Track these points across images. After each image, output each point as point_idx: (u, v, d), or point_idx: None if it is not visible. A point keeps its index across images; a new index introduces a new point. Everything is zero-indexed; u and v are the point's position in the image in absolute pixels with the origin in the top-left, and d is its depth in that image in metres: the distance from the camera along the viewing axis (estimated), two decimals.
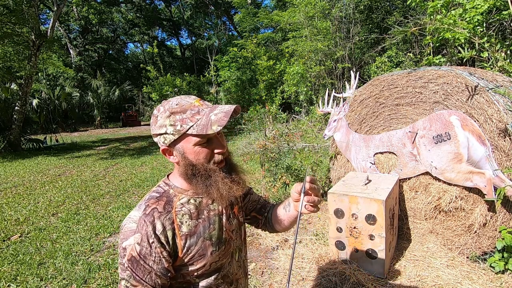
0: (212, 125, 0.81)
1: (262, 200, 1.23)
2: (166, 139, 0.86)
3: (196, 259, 0.89)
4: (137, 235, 0.82)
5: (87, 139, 15.46)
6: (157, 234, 0.83)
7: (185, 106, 0.84)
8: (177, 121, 0.83)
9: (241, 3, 18.51)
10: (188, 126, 0.83)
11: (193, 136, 0.84)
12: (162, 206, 0.87)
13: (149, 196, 0.90)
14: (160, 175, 6.58)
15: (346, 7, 12.66)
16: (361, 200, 2.33)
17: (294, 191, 0.96)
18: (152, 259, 0.82)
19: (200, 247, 0.89)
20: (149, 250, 0.82)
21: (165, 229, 0.84)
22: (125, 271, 0.82)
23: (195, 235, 0.89)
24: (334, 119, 3.42)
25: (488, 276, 2.25)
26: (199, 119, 0.83)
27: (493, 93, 2.27)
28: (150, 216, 0.84)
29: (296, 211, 1.01)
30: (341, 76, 12.22)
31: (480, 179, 2.30)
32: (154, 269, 0.82)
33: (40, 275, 2.80)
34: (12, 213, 4.50)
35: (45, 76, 20.84)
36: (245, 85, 15.97)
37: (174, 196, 0.91)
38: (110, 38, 29.37)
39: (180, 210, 0.89)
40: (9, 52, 10.10)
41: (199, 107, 0.85)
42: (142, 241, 0.82)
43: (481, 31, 3.35)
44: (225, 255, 0.97)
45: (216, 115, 0.82)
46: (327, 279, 2.35)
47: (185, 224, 0.88)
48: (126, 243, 0.82)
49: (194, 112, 0.84)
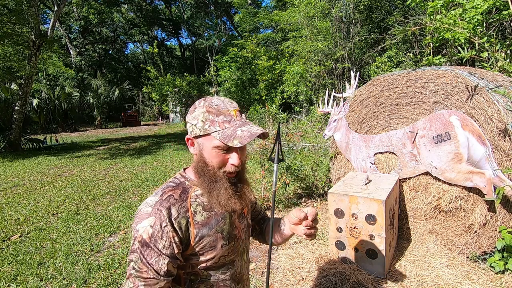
0: (234, 139, 0.84)
1: (263, 212, 1.30)
2: (194, 131, 0.90)
3: (207, 249, 0.92)
4: (151, 218, 0.85)
5: (87, 139, 15.46)
6: (171, 219, 0.86)
7: (221, 110, 0.88)
8: (207, 120, 0.87)
9: (241, 3, 18.52)
10: (215, 129, 0.87)
11: (215, 140, 0.87)
12: (178, 194, 0.91)
13: (166, 185, 0.94)
14: (160, 175, 6.58)
15: (346, 7, 12.67)
16: (361, 200, 2.33)
17: (294, 216, 1.00)
18: (162, 243, 0.84)
19: (212, 239, 0.92)
20: (160, 233, 0.84)
21: (179, 215, 0.87)
22: (134, 253, 0.84)
23: (207, 226, 0.92)
24: (334, 119, 3.42)
25: (488, 276, 2.25)
26: (227, 128, 0.86)
27: (493, 93, 2.27)
28: (166, 202, 0.88)
29: (291, 232, 1.08)
30: (341, 76, 12.22)
31: (480, 179, 2.30)
32: (163, 253, 0.84)
33: (40, 275, 2.80)
34: (12, 213, 4.50)
35: (45, 76, 20.84)
36: (245, 85, 15.98)
37: (190, 187, 0.95)
38: (110, 38, 29.39)
39: (195, 200, 0.93)
40: (9, 52, 10.09)
41: (233, 117, 0.89)
42: (155, 224, 0.84)
43: (481, 31, 3.35)
44: (234, 251, 0.99)
45: (242, 131, 0.85)
46: (327, 279, 2.35)
47: (199, 214, 0.92)
48: (140, 225, 0.85)
49: (226, 120, 0.88)
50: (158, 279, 0.82)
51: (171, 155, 9.21)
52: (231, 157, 0.90)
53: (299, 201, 4.28)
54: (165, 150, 10.17)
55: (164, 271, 0.83)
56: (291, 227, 1.06)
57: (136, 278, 0.82)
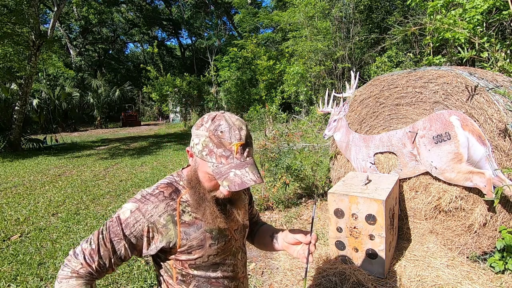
0: (224, 180, 0.80)
1: (258, 216, 1.31)
2: (193, 148, 0.88)
3: (194, 248, 0.93)
4: (135, 204, 0.90)
5: (87, 139, 15.46)
6: (152, 214, 0.89)
7: (223, 142, 0.82)
8: (207, 148, 0.83)
9: (241, 3, 18.51)
10: (211, 161, 0.83)
11: (209, 168, 0.85)
12: (169, 192, 0.93)
13: (161, 182, 0.97)
14: (160, 175, 6.58)
15: (346, 7, 12.66)
16: (361, 200, 2.33)
17: (292, 237, 1.01)
18: (130, 231, 0.88)
19: (200, 238, 0.93)
20: (133, 222, 0.88)
21: (165, 212, 0.90)
22: (105, 225, 0.90)
23: (194, 225, 0.93)
24: (334, 119, 3.42)
25: (488, 276, 2.25)
26: (222, 165, 0.82)
27: (493, 93, 2.27)
28: (154, 197, 0.91)
29: (283, 249, 1.10)
30: (341, 76, 12.22)
31: (480, 179, 2.30)
32: (127, 238, 0.88)
33: (40, 275, 2.80)
34: (12, 213, 4.50)
35: (45, 76, 20.83)
36: (245, 85, 15.98)
37: (182, 188, 0.96)
38: (110, 38, 29.38)
39: (185, 201, 0.94)
40: (9, 52, 10.09)
41: (232, 153, 0.82)
42: (135, 212, 0.89)
43: (481, 31, 3.35)
44: (224, 251, 0.99)
45: (235, 175, 0.80)
46: (327, 279, 2.35)
47: (187, 214, 0.93)
48: (124, 205, 0.91)
49: (224, 155, 0.82)
50: (93, 257, 0.87)
51: (171, 155, 9.21)
52: (222, 189, 0.90)
53: (299, 201, 4.28)
54: (165, 150, 10.17)
55: (119, 257, 0.89)
56: (285, 245, 1.06)
57: (93, 242, 0.88)
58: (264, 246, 1.19)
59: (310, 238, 0.96)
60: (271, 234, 1.16)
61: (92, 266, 0.86)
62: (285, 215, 3.85)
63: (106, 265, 0.88)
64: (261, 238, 1.20)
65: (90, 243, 0.88)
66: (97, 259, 0.86)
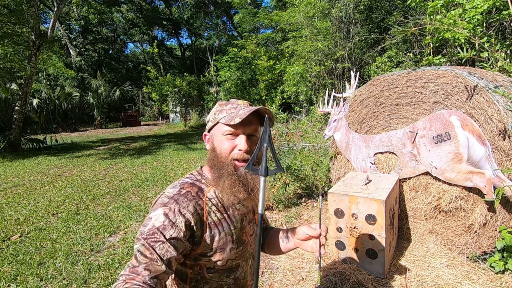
0: (236, 118, 0.89)
1: (267, 222, 1.34)
2: (208, 125, 1.00)
3: (216, 250, 0.93)
4: (166, 208, 0.86)
5: (87, 139, 15.45)
6: (185, 214, 0.86)
7: (231, 101, 0.98)
8: (218, 111, 0.97)
9: (241, 3, 18.50)
10: (222, 115, 0.94)
11: (223, 125, 0.93)
12: (195, 192, 0.92)
13: (183, 181, 0.96)
14: (160, 175, 6.58)
15: (346, 7, 12.66)
16: (361, 200, 2.33)
17: (303, 232, 1.02)
18: (170, 233, 0.83)
19: (222, 241, 0.93)
20: (171, 223, 0.84)
21: (195, 211, 0.89)
22: (140, 240, 0.82)
23: (219, 227, 0.93)
24: (334, 119, 3.42)
25: (488, 276, 2.25)
26: (232, 112, 0.93)
27: (493, 93, 2.27)
28: (183, 196, 0.89)
29: (295, 246, 1.10)
30: (341, 76, 12.22)
31: (480, 179, 2.30)
32: (169, 241, 0.82)
33: (40, 275, 2.80)
34: (12, 213, 4.49)
35: (45, 76, 20.83)
36: (245, 85, 15.97)
37: (206, 186, 0.96)
38: (110, 38, 29.37)
39: (210, 200, 0.94)
40: (9, 52, 10.08)
41: (240, 105, 0.97)
42: (168, 214, 0.85)
43: (481, 31, 3.35)
44: (241, 256, 1.00)
45: (243, 110, 0.91)
46: (327, 279, 2.35)
47: (213, 214, 0.93)
48: (153, 213, 0.86)
49: (233, 107, 0.95)
50: (159, 264, 0.80)
51: (171, 155, 9.21)
52: (239, 143, 0.92)
53: (299, 201, 4.28)
54: (165, 150, 10.17)
55: (167, 258, 0.81)
56: (297, 242, 1.06)
57: (139, 258, 0.81)
58: (275, 249, 1.17)
59: (320, 230, 0.96)
60: (280, 235, 1.15)
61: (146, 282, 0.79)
62: (285, 215, 3.85)
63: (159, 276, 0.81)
64: (271, 242, 1.20)
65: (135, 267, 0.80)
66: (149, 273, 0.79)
